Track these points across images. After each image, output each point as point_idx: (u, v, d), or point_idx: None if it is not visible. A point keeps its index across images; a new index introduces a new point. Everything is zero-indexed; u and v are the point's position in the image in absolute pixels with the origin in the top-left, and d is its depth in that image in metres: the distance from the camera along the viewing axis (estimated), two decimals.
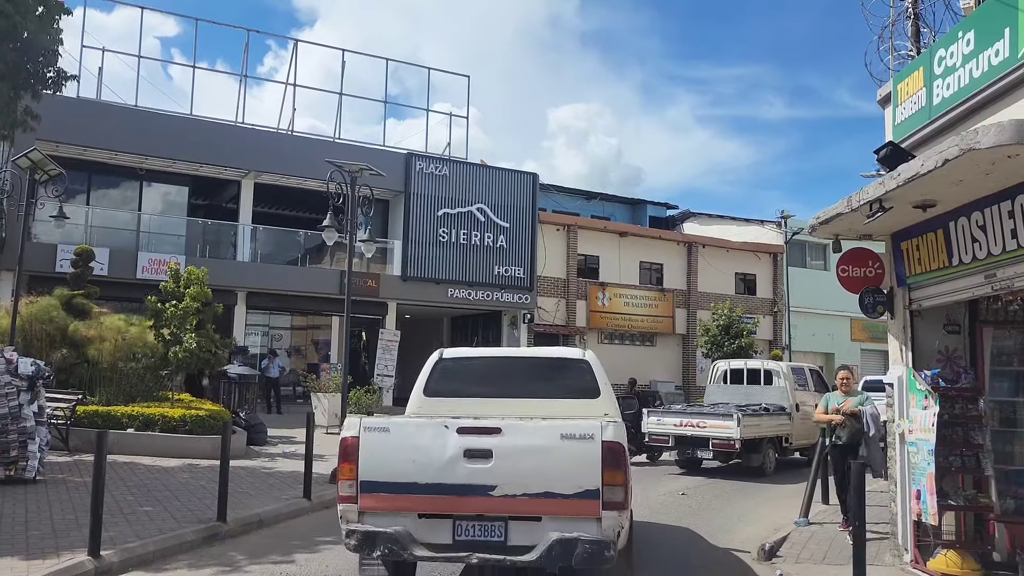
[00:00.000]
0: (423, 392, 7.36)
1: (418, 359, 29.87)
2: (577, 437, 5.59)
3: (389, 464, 5.71)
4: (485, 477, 5.59)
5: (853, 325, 35.13)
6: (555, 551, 5.45)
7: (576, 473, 5.52)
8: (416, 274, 25.28)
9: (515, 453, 5.62)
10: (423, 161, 25.65)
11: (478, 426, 5.81)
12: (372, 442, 5.77)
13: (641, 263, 30.63)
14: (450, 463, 5.62)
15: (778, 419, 15.78)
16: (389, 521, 5.67)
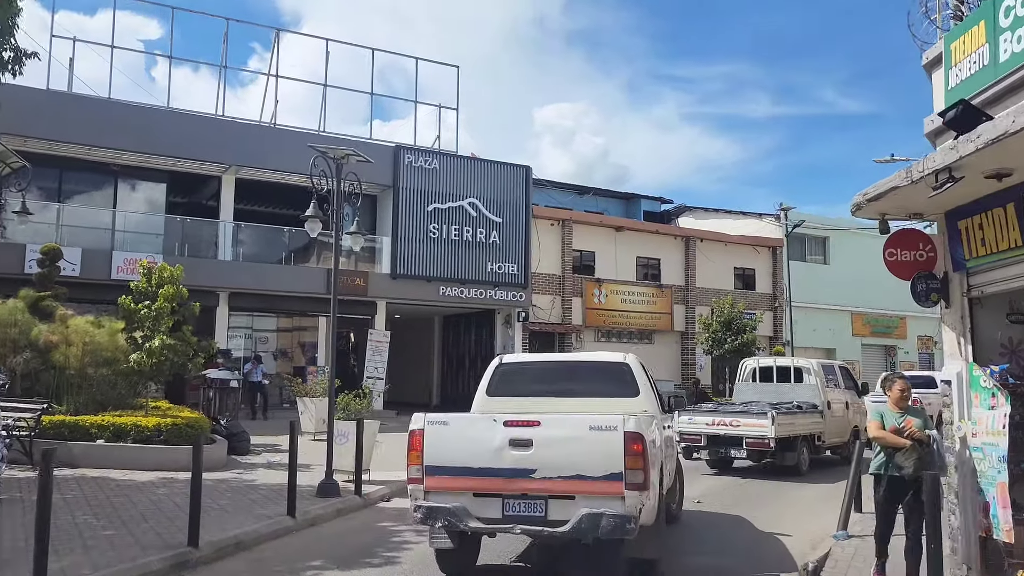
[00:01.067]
0: (486, 393, 8.61)
1: (409, 360, 28.90)
2: (603, 428, 6.47)
3: (448, 451, 6.76)
4: (527, 462, 6.54)
5: (854, 320, 34.38)
6: (584, 524, 6.32)
7: (603, 459, 6.41)
8: (406, 272, 24.28)
9: (552, 442, 6.54)
10: (412, 154, 24.65)
11: (520, 419, 6.75)
12: (434, 433, 6.85)
13: (638, 258, 29.71)
14: (498, 450, 6.60)
15: (811, 417, 15.45)
16: (449, 499, 6.70)
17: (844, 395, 17.00)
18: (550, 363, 9.42)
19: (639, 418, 6.71)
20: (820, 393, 16.00)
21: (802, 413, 15.32)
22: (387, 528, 9.87)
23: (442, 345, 31.44)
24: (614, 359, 8.82)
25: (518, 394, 8.38)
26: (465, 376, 29.55)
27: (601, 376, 8.55)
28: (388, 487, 12.14)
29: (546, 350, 27.76)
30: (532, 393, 8.36)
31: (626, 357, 8.70)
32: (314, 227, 11.45)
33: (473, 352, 29.15)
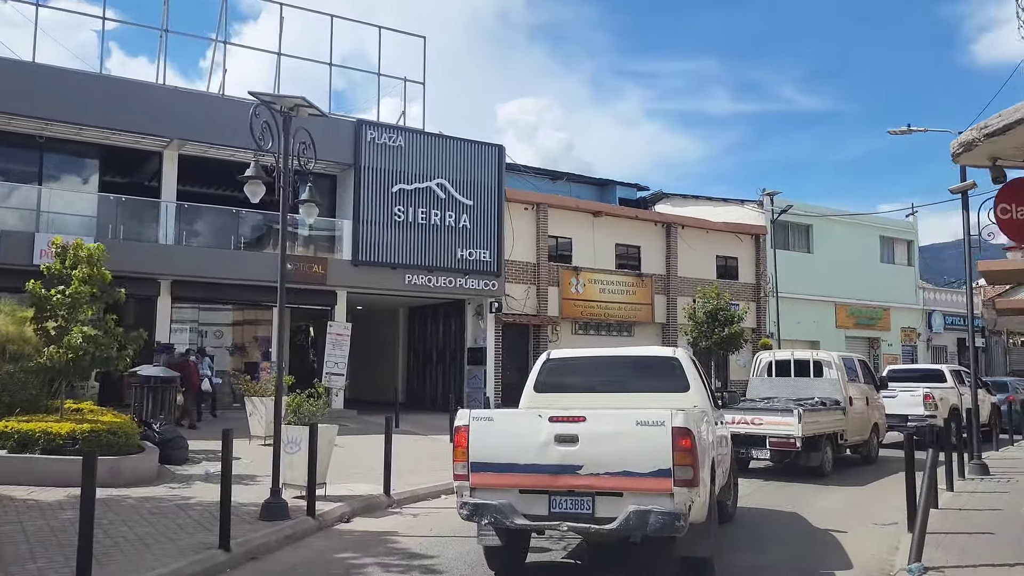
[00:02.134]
0: (533, 388, 8.65)
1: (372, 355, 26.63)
2: (650, 423, 6.35)
3: (494, 448, 6.70)
4: (573, 458, 6.46)
5: (838, 311, 33.07)
6: (632, 521, 6.23)
7: (651, 454, 6.29)
8: (369, 258, 22.25)
9: (598, 437, 6.47)
10: (374, 130, 22.60)
11: (566, 415, 6.67)
12: (480, 430, 6.77)
13: (617, 245, 27.96)
14: (543, 446, 6.54)
15: (834, 414, 14.42)
16: (496, 496, 6.63)
17: (864, 390, 16.09)
18: (598, 358, 9.27)
19: (688, 412, 6.59)
20: (842, 388, 15.06)
21: (826, 410, 14.25)
22: (346, 561, 7.95)
23: (408, 338, 29.45)
24: (664, 352, 8.90)
25: (565, 389, 8.43)
26: (433, 372, 27.59)
27: (650, 370, 8.54)
28: (348, 504, 10.23)
29: (520, 344, 25.94)
30: (580, 388, 8.45)
31: (676, 351, 8.73)
32: (256, 190, 9.44)
33: (441, 346, 27.22)
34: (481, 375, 24.62)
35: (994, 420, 22.35)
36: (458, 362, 25.84)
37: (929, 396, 19.08)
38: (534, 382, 8.73)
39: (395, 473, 12.00)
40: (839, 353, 16.76)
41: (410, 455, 15.20)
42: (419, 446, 16.82)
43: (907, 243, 36.77)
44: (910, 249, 36.83)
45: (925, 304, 36.80)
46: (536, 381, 8.72)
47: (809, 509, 11.00)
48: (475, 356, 25.00)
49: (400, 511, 10.66)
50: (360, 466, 13.43)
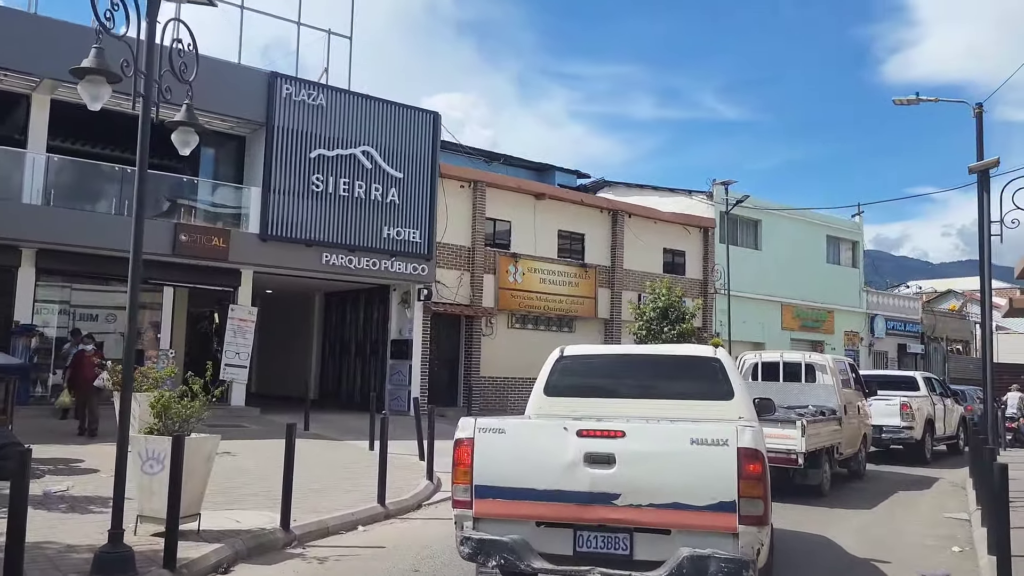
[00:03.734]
0: (543, 391, 7.26)
1: (283, 346, 22.94)
2: (709, 443, 5.25)
3: (505, 468, 5.61)
4: (608, 484, 5.35)
5: (784, 312, 31.45)
6: (686, 569, 5.10)
7: (709, 482, 5.20)
8: (280, 233, 19.19)
9: (640, 459, 5.37)
10: (292, 85, 19.54)
11: (600, 428, 5.59)
12: (487, 444, 5.68)
13: (560, 232, 25.54)
14: (570, 468, 5.42)
15: (831, 425, 12.61)
16: (506, 529, 5.54)
17: (855, 397, 14.36)
18: (622, 356, 7.92)
19: (756, 430, 5.46)
20: (837, 395, 13.28)
21: (825, 420, 12.39)
22: None
23: (323, 328, 26.37)
24: (702, 352, 7.43)
25: (584, 393, 7.11)
26: (351, 366, 24.62)
27: (686, 373, 7.13)
28: (230, 544, 7.39)
29: (451, 336, 23.25)
30: (601, 392, 7.11)
31: (716, 351, 7.33)
32: (96, 91, 6.43)
33: (361, 337, 24.28)
34: (405, 370, 21.83)
35: (962, 431, 20.88)
36: (380, 355, 22.97)
37: (906, 406, 17.28)
38: (544, 383, 7.28)
39: (300, 494, 9.28)
40: (832, 356, 15.05)
41: (321, 466, 12.38)
42: (332, 454, 13.98)
43: (852, 244, 35.58)
44: (855, 250, 35.67)
45: (869, 308, 35.68)
46: (547, 382, 7.27)
47: (825, 547, 8.70)
48: (399, 349, 22.18)
49: (302, 552, 7.88)
50: (256, 484, 10.57)
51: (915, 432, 17.41)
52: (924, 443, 17.82)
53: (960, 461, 18.89)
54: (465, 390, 22.52)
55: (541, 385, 7.34)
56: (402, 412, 20.68)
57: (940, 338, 39.45)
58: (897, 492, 13.28)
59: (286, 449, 8.35)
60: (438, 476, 11.76)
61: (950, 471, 16.72)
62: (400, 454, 13.74)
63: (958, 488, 14.19)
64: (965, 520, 10.83)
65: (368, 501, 9.81)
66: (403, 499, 10.30)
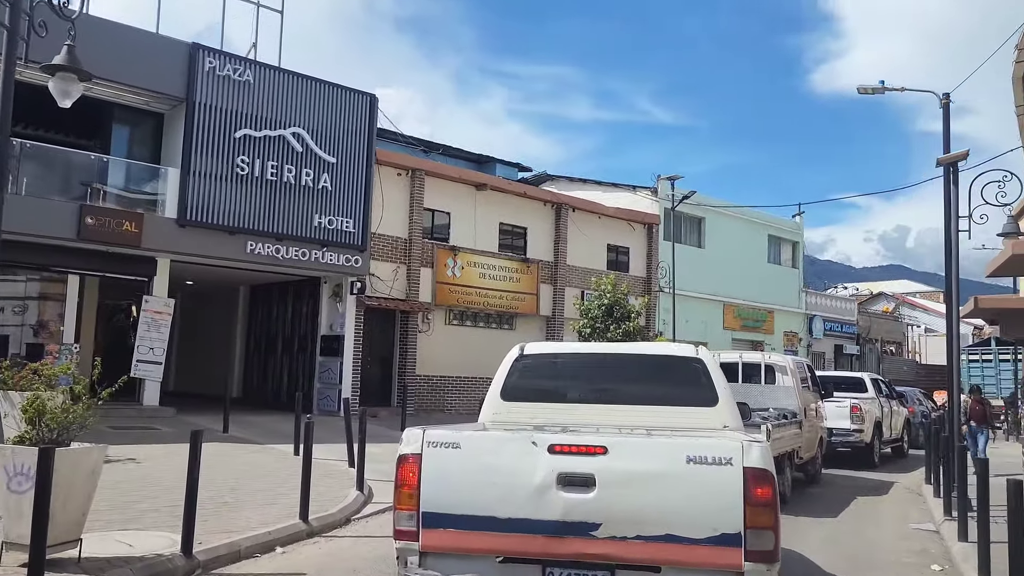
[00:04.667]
0: (500, 395, 6.35)
1: (203, 341, 20.73)
2: (710, 461, 4.42)
3: (460, 491, 4.69)
4: (586, 512, 4.50)
5: (726, 311, 31.07)
6: None
7: (709, 510, 4.37)
8: (200, 218, 17.68)
9: (626, 480, 4.49)
10: (215, 58, 18.03)
11: (576, 443, 4.67)
12: (438, 461, 4.74)
13: (501, 225, 24.51)
14: (539, 492, 4.54)
15: (793, 428, 11.96)
16: (460, 566, 4.68)
17: (813, 399, 13.62)
18: (591, 356, 6.94)
19: (764, 446, 4.54)
20: (797, 397, 12.66)
21: (788, 424, 11.70)
22: None
23: (248, 322, 24.81)
24: (681, 351, 6.53)
25: (547, 398, 6.31)
26: (277, 363, 23.16)
27: (664, 375, 6.33)
28: None
29: (385, 332, 22.03)
30: (567, 397, 6.34)
31: (697, 349, 6.45)
32: None
33: (288, 333, 22.83)
34: (336, 368, 20.50)
35: (905, 434, 20.63)
36: (309, 352, 21.58)
37: (857, 408, 16.82)
38: (501, 386, 6.36)
39: (211, 509, 8.10)
40: (791, 357, 14.48)
41: (238, 475, 11.10)
42: (252, 461, 12.67)
43: (793, 244, 35.49)
44: (795, 251, 35.58)
45: (807, 309, 35.65)
46: (505, 385, 6.34)
47: (798, 563, 7.87)
48: (330, 345, 20.84)
49: None
50: (161, 497, 9.25)
51: (865, 435, 16.99)
52: (873, 446, 17.41)
53: (907, 464, 18.58)
54: (400, 389, 21.32)
55: (498, 388, 6.44)
56: (332, 413, 19.41)
57: (875, 339, 39.80)
58: (856, 498, 12.70)
59: (190, 459, 7.12)
60: (369, 485, 10.67)
61: (901, 475, 16.32)
62: (328, 460, 12.57)
63: (914, 494, 13.74)
64: (934, 532, 10.27)
65: (289, 517, 8.64)
66: (329, 513, 9.13)
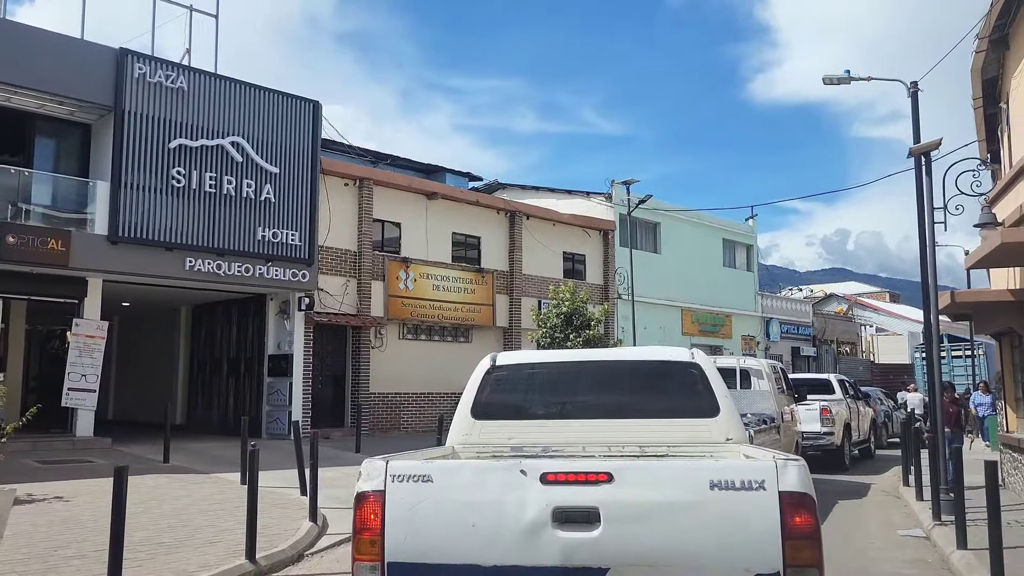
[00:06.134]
0: (470, 413, 5.65)
1: (142, 366, 19.24)
2: (737, 486, 3.65)
3: (434, 535, 3.88)
4: (589, 555, 3.72)
5: (684, 316, 30.71)
6: None
7: (739, 547, 3.62)
8: (134, 234, 16.58)
9: (636, 514, 3.73)
10: (146, 64, 16.99)
11: (574, 471, 3.88)
12: (406, 499, 3.94)
13: (454, 235, 23.75)
14: (532, 532, 3.77)
15: (772, 434, 11.52)
16: None
17: (788, 402, 13.19)
18: (573, 364, 6.08)
19: (801, 465, 3.74)
20: (775, 402, 12.39)
21: (767, 429, 11.30)
22: None
23: (191, 344, 23.59)
24: (677, 356, 5.74)
25: (526, 415, 5.53)
26: (222, 386, 22.01)
27: (658, 383, 5.54)
28: None
29: (336, 349, 21.09)
30: (548, 413, 5.52)
31: (694, 353, 5.70)
32: None
33: (234, 353, 21.71)
34: (285, 389, 19.48)
35: (872, 435, 20.38)
36: (256, 373, 20.51)
37: (826, 411, 16.45)
38: (472, 403, 5.62)
39: (145, 551, 7.24)
40: (767, 361, 13.97)
41: (178, 510, 10.13)
42: (194, 493, 11.66)
43: (747, 248, 35.39)
44: (750, 254, 35.49)
45: (764, 312, 35.54)
46: (476, 401, 5.61)
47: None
48: (278, 365, 19.81)
49: None
50: (89, 541, 8.29)
51: (835, 438, 16.63)
52: (843, 448, 17.05)
53: (877, 465, 18.28)
54: (353, 409, 20.36)
55: (468, 405, 5.72)
56: (282, 436, 18.41)
57: (830, 340, 39.95)
58: (836, 503, 12.22)
59: (114, 499, 6.21)
60: (323, 514, 9.81)
61: (875, 477, 15.96)
62: (278, 488, 11.68)
63: (892, 497, 13.36)
64: (924, 538, 9.81)
65: (234, 556, 7.75)
66: (279, 549, 8.25)
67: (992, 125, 13.73)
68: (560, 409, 5.65)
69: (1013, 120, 11.98)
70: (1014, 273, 11.25)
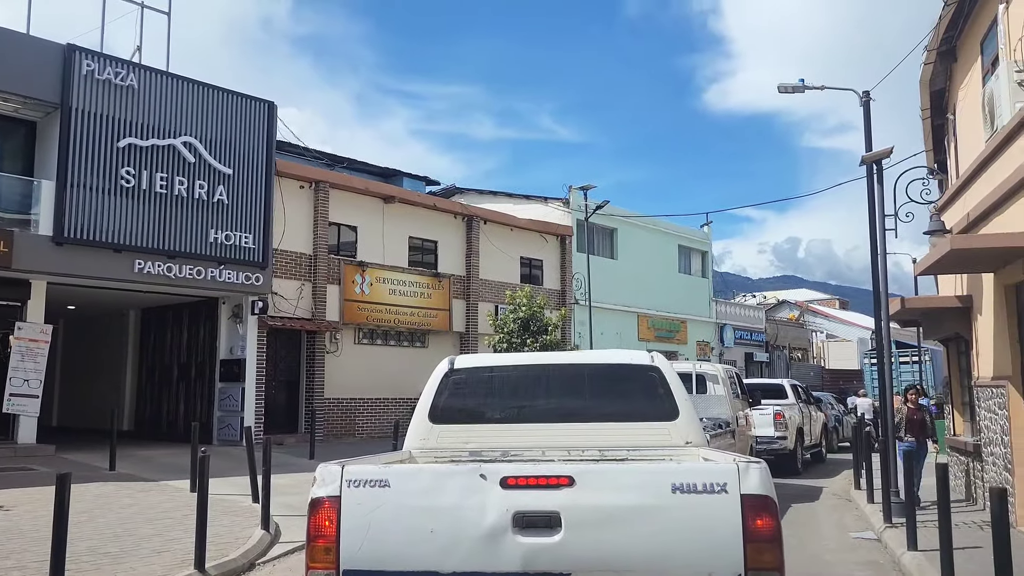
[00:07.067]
0: (428, 417, 5.61)
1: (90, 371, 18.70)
2: (699, 489, 3.66)
3: (391, 542, 3.80)
4: (551, 560, 3.68)
5: (640, 322, 30.91)
6: None
7: (701, 550, 3.61)
8: (80, 235, 16.13)
9: (599, 518, 3.70)
10: (95, 61, 16.57)
11: (535, 474, 3.84)
12: (362, 505, 3.85)
13: (411, 239, 23.59)
14: (491, 537, 3.71)
15: (727, 439, 11.58)
16: None
17: (743, 407, 13.27)
18: (532, 367, 5.98)
19: (763, 468, 3.75)
20: (730, 407, 12.49)
21: (723, 434, 11.37)
22: None
23: (140, 348, 23.03)
24: (635, 359, 5.79)
25: (484, 419, 5.48)
26: (172, 391, 21.53)
27: (617, 387, 5.55)
28: None
29: (291, 354, 20.78)
30: (507, 417, 5.44)
31: (653, 357, 5.71)
32: None
33: (185, 358, 21.25)
34: (237, 394, 19.12)
35: (824, 439, 20.70)
36: (207, 378, 20.10)
37: (780, 415, 16.63)
38: (429, 407, 5.56)
39: (89, 562, 7.00)
40: (722, 366, 14.08)
41: (123, 519, 9.84)
42: (141, 501, 11.35)
43: (702, 254, 35.77)
44: (704, 260, 35.87)
45: (718, 317, 35.95)
46: (433, 405, 5.56)
47: None
48: (230, 370, 19.43)
49: None
50: (30, 551, 8.00)
51: (788, 442, 16.82)
52: (796, 452, 17.26)
53: (828, 469, 18.57)
54: (308, 414, 20.07)
55: (425, 409, 5.67)
56: (234, 443, 18.06)
57: (782, 346, 40.56)
58: (791, 507, 12.33)
59: (56, 508, 5.98)
60: (276, 522, 9.61)
61: (827, 480, 16.20)
62: (230, 495, 11.43)
63: (843, 500, 13.55)
64: (875, 540, 9.95)
65: (183, 566, 7.53)
66: (230, 558, 8.04)
67: (940, 136, 14.05)
68: (519, 413, 5.60)
69: (960, 131, 12.27)
70: (961, 280, 11.51)
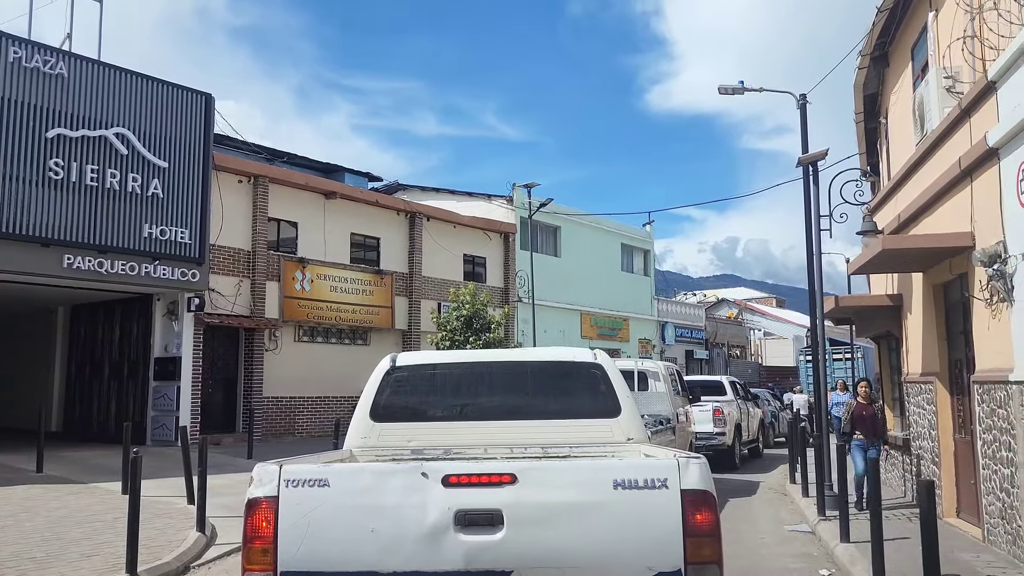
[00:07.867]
0: (369, 415, 5.53)
1: (16, 369, 18.70)
2: (640, 485, 3.70)
3: (331, 542, 3.73)
4: (493, 558, 3.68)
5: (583, 320, 31.13)
6: None
7: (642, 546, 3.65)
8: (5, 229, 15.49)
9: (541, 516, 3.70)
10: (22, 48, 15.94)
11: (477, 472, 3.82)
12: (301, 505, 3.76)
13: (352, 235, 23.31)
14: (433, 536, 3.69)
15: (667, 436, 11.67)
16: None
17: (683, 404, 13.40)
18: (474, 365, 5.96)
19: (702, 463, 3.80)
20: (671, 403, 12.69)
21: (663, 431, 11.50)
22: None
23: (69, 346, 22.27)
24: (578, 356, 5.79)
25: (426, 417, 5.45)
26: (104, 390, 20.89)
27: (559, 384, 5.58)
28: None
29: (228, 351, 20.36)
30: (449, 415, 5.43)
31: (596, 354, 5.74)
32: None
33: (117, 356, 20.63)
34: (172, 393, 18.64)
35: (760, 434, 21.13)
36: (140, 377, 19.54)
37: (719, 411, 16.92)
38: (370, 405, 5.48)
39: (13, 567, 6.73)
40: (663, 363, 14.23)
41: (51, 522, 9.51)
42: (70, 504, 10.98)
43: (644, 252, 36.18)
44: (647, 259, 36.29)
45: (660, 316, 36.41)
46: (374, 403, 5.48)
47: None
48: (165, 369, 18.94)
49: None
50: None
51: (727, 438, 17.13)
52: (734, 448, 17.58)
53: (765, 464, 18.97)
54: (245, 413, 19.67)
55: (366, 407, 5.58)
56: (169, 443, 17.61)
57: (721, 344, 41.32)
58: (728, 501, 12.55)
59: None
60: (212, 523, 9.39)
61: (763, 475, 16.53)
62: (164, 497, 11.15)
63: (779, 494, 13.83)
64: (809, 532, 10.20)
65: (114, 570, 7.32)
66: (163, 561, 7.83)
67: (873, 139, 14.45)
68: (462, 410, 5.59)
69: (892, 134, 12.64)
70: (893, 279, 11.85)
